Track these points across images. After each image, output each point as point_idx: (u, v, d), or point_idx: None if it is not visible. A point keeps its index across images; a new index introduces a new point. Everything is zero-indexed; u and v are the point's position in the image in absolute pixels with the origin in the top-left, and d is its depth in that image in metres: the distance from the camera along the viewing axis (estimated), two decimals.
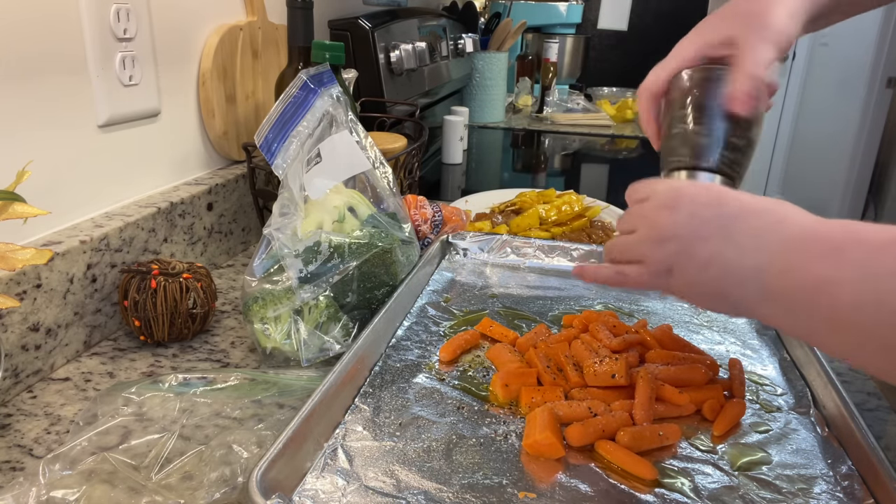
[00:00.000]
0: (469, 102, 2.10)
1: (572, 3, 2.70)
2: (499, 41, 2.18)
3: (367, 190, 0.75)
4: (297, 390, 0.60)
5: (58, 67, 0.68)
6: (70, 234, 0.68)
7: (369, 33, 1.28)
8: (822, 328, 0.40)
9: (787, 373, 0.66)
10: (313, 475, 0.49)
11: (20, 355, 0.61)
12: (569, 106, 2.33)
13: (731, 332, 0.74)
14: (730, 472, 0.51)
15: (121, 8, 0.74)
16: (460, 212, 0.94)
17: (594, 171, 1.77)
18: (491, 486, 0.49)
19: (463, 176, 1.57)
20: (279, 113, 0.72)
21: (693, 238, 0.46)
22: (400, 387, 0.61)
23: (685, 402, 0.58)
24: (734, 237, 0.45)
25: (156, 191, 0.84)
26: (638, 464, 0.51)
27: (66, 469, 0.48)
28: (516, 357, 0.65)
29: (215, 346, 0.72)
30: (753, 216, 0.45)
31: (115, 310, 0.73)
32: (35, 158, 0.65)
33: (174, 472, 0.49)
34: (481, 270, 0.88)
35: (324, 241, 0.66)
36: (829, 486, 0.50)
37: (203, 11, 0.90)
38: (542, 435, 0.52)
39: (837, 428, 0.56)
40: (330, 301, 0.66)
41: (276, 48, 1.06)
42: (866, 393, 0.67)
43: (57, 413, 0.59)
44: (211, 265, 0.91)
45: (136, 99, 0.78)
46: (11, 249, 0.51)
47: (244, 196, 0.96)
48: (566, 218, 1.05)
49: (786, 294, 0.41)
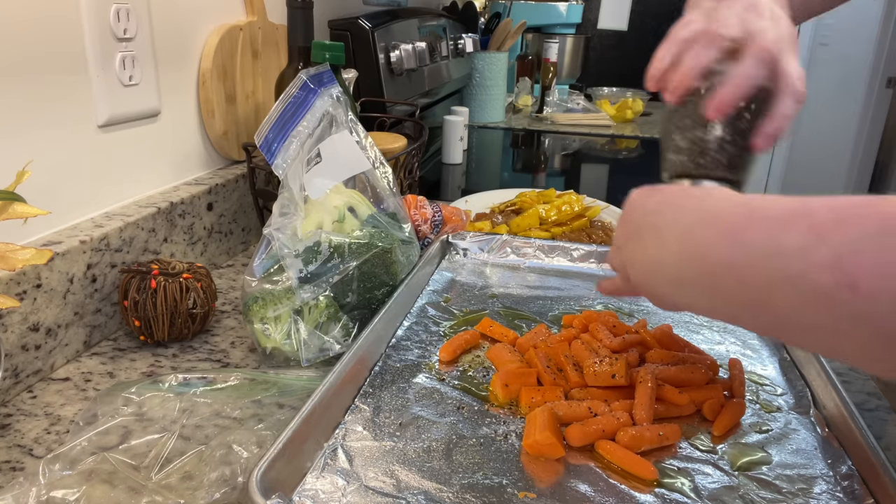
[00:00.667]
0: (469, 102, 2.10)
1: (572, 3, 2.70)
2: (499, 41, 2.18)
3: (367, 190, 0.75)
4: (297, 390, 0.60)
5: (58, 67, 0.68)
6: (70, 234, 0.68)
7: (369, 33, 1.28)
8: (743, 313, 0.40)
9: (787, 373, 0.66)
10: (313, 475, 0.49)
11: (20, 355, 0.61)
12: (569, 106, 2.33)
13: (731, 332, 0.74)
14: (730, 472, 0.51)
15: (121, 8, 0.74)
16: (460, 212, 0.94)
17: (594, 171, 1.77)
18: (491, 486, 0.49)
19: (463, 176, 1.57)
20: (279, 113, 0.72)
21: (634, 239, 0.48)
22: (400, 387, 0.61)
23: (685, 402, 0.58)
24: (661, 231, 0.45)
25: (156, 191, 0.84)
26: (638, 464, 0.51)
27: (66, 469, 0.48)
28: (516, 357, 0.65)
29: (215, 346, 0.72)
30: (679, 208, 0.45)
31: (115, 310, 0.73)
32: (35, 158, 0.65)
33: (174, 472, 0.49)
34: (481, 270, 0.88)
35: (324, 241, 0.66)
36: (829, 486, 0.50)
37: (203, 11, 0.90)
38: (542, 435, 0.52)
39: (837, 428, 0.56)
40: (330, 301, 0.66)
41: (276, 48, 1.06)
42: (866, 393, 0.67)
43: (57, 413, 0.59)
44: (211, 265, 0.91)
45: (136, 99, 0.79)
46: (11, 249, 0.51)
47: (244, 196, 0.96)
48: (566, 218, 1.05)
49: (697, 281, 0.41)
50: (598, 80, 2.88)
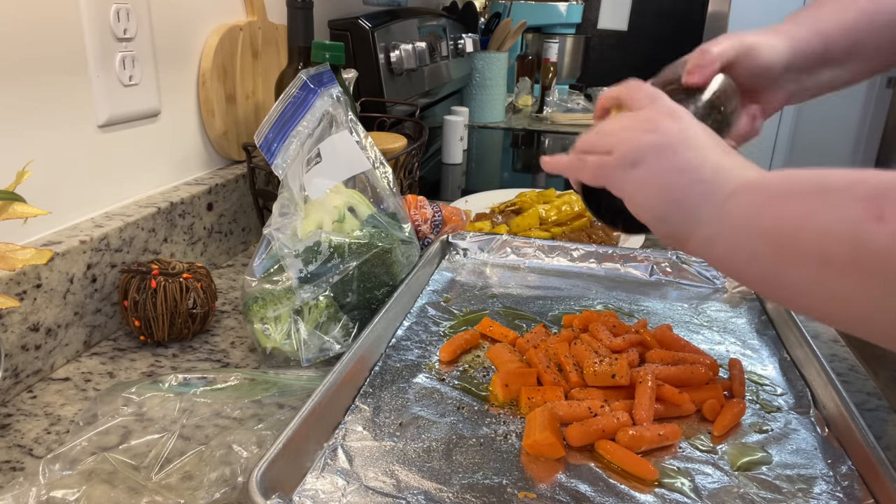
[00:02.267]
0: (469, 102, 2.10)
1: (572, 3, 2.70)
2: (499, 41, 2.18)
3: (367, 190, 0.75)
4: (297, 390, 0.60)
5: (58, 67, 0.68)
6: (70, 234, 0.68)
7: (369, 33, 1.28)
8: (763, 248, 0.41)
9: (787, 373, 0.66)
10: (313, 475, 0.49)
11: (20, 355, 0.61)
12: (569, 106, 2.33)
13: (731, 332, 0.74)
14: (730, 472, 0.51)
15: (121, 8, 0.74)
16: (460, 212, 0.94)
17: None
18: (491, 486, 0.49)
19: (463, 176, 1.57)
20: (279, 113, 0.72)
21: (683, 140, 0.48)
22: (400, 387, 0.61)
23: (685, 402, 0.58)
24: (721, 158, 0.47)
25: (156, 191, 0.84)
26: (638, 464, 0.51)
27: (66, 469, 0.48)
28: (516, 357, 0.65)
29: (215, 346, 0.72)
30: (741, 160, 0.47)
31: (115, 310, 0.73)
32: (35, 158, 0.65)
33: (174, 472, 0.49)
34: (481, 270, 0.88)
35: (324, 241, 0.66)
36: (829, 486, 0.50)
37: (203, 11, 0.90)
38: (542, 435, 0.52)
39: (837, 428, 0.56)
40: (330, 301, 0.66)
41: (276, 48, 1.06)
42: (866, 393, 0.67)
43: (57, 413, 0.59)
44: (211, 265, 0.91)
45: (136, 99, 0.78)
46: (11, 249, 0.51)
47: (244, 196, 0.96)
48: (566, 218, 1.05)
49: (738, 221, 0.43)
50: (598, 80, 2.88)
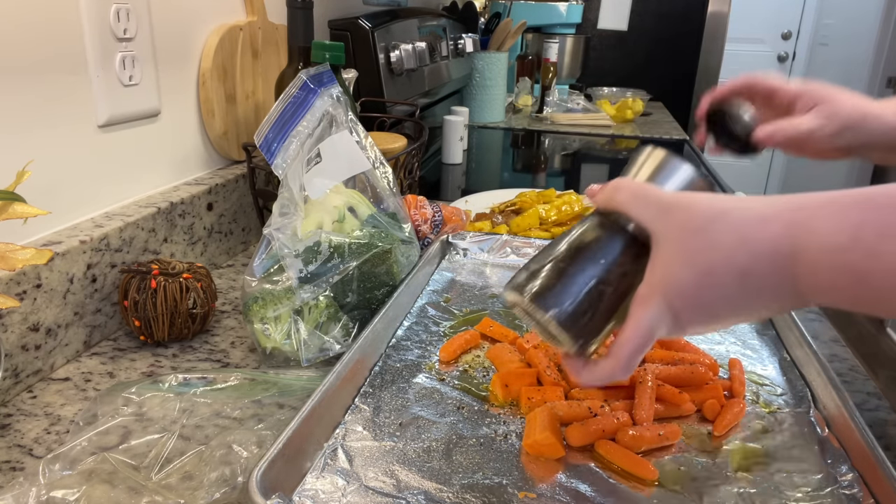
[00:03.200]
0: (469, 102, 2.10)
1: (572, 3, 2.70)
2: (499, 41, 2.18)
3: (367, 190, 0.75)
4: (297, 390, 0.60)
5: (58, 67, 0.68)
6: (70, 234, 0.68)
7: (369, 33, 1.28)
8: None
9: (787, 373, 0.66)
10: (313, 475, 0.49)
11: (20, 355, 0.61)
12: (569, 106, 2.33)
13: (731, 332, 0.74)
14: (730, 472, 0.51)
15: (121, 8, 0.74)
16: (460, 212, 0.94)
17: (594, 171, 1.77)
18: (491, 486, 0.49)
19: (463, 176, 1.57)
20: (279, 113, 0.72)
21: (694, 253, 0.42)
22: (400, 387, 0.61)
23: (685, 402, 0.58)
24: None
25: (156, 191, 0.84)
26: (638, 464, 0.51)
27: (66, 469, 0.48)
28: (516, 357, 0.65)
29: (215, 346, 0.72)
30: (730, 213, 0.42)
31: (115, 310, 0.73)
32: (35, 158, 0.65)
33: (174, 472, 0.49)
34: (481, 270, 0.88)
35: (324, 241, 0.66)
36: (829, 486, 0.50)
37: (203, 11, 0.90)
38: (542, 435, 0.52)
39: (837, 428, 0.56)
40: (330, 301, 0.66)
41: (276, 48, 1.06)
42: (866, 393, 0.67)
43: (57, 413, 0.59)
44: (211, 265, 0.91)
45: (136, 99, 0.79)
46: (11, 249, 0.51)
47: (244, 196, 0.96)
48: (566, 218, 1.05)
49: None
50: (597, 80, 2.88)
